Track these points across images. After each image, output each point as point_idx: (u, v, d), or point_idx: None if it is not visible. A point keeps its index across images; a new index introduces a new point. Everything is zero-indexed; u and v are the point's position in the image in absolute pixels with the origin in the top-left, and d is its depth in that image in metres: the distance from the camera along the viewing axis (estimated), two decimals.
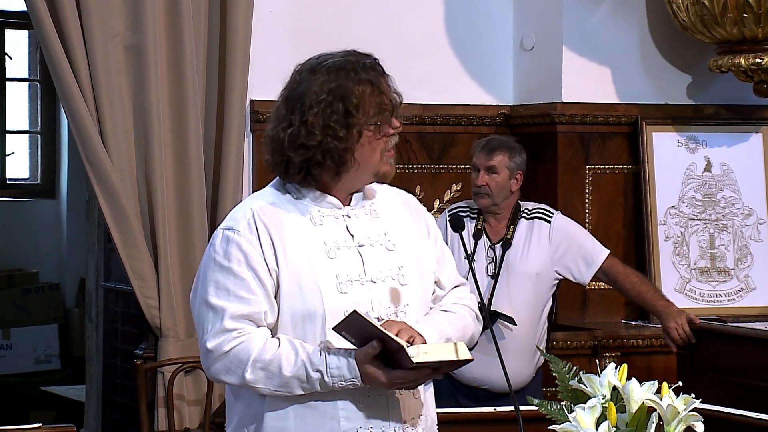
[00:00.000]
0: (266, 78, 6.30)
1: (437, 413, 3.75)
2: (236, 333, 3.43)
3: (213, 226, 6.27)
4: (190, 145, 6.26)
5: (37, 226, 10.52)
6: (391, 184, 3.75)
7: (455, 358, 3.40)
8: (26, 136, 10.73)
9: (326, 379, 3.41)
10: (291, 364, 3.42)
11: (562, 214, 6.08)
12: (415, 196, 6.68)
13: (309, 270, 3.49)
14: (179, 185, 6.27)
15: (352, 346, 3.40)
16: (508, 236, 5.91)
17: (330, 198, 3.57)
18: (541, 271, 5.91)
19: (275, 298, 3.48)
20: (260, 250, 3.48)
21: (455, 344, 3.43)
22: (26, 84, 10.68)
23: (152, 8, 6.16)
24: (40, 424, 4.52)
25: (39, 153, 10.68)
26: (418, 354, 3.36)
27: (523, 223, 5.94)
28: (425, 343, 3.44)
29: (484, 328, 5.67)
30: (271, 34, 6.50)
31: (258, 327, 3.46)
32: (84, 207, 7.83)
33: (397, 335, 3.38)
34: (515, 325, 5.79)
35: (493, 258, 5.90)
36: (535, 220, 5.95)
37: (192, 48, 6.25)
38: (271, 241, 3.48)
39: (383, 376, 3.40)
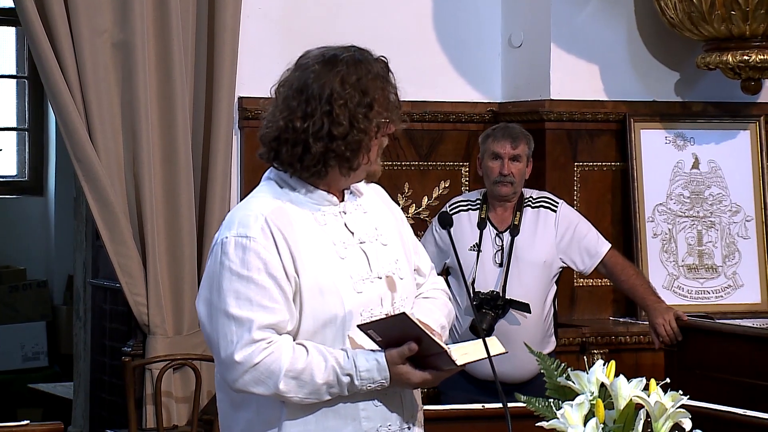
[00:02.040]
0: (255, 75, 6.31)
1: (433, 410, 3.80)
2: (264, 344, 3.39)
3: (201, 224, 6.29)
4: (178, 142, 6.26)
5: (25, 223, 10.52)
6: (379, 182, 3.76)
7: (492, 354, 3.42)
8: (14, 133, 10.73)
9: (356, 382, 3.41)
10: (322, 371, 3.40)
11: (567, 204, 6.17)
12: (404, 193, 6.75)
13: (326, 273, 3.47)
14: (167, 182, 6.27)
15: (375, 346, 3.42)
16: (516, 222, 5.97)
17: (329, 195, 3.55)
18: (548, 259, 5.99)
19: (294, 303, 3.45)
20: (278, 256, 3.43)
21: (486, 341, 3.44)
22: (14, 81, 10.67)
23: (140, 5, 6.16)
24: (28, 422, 4.52)
25: (27, 150, 10.68)
26: (459, 356, 3.40)
27: (528, 211, 6.00)
28: (438, 334, 3.50)
29: (496, 316, 5.77)
30: (259, 30, 6.50)
31: (281, 336, 3.43)
32: (72, 204, 7.84)
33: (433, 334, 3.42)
34: (530, 312, 5.86)
35: (501, 246, 5.95)
36: (541, 208, 6.03)
37: (180, 44, 6.25)
38: (288, 246, 3.44)
39: (416, 377, 3.43)
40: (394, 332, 3.40)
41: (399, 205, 3.85)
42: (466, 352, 3.45)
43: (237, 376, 3.44)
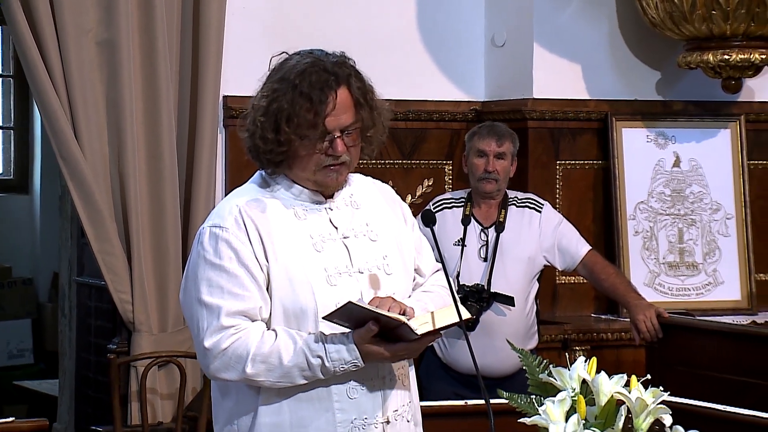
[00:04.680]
0: (239, 74, 6.31)
1: (423, 406, 3.80)
2: (233, 330, 3.42)
3: (186, 222, 6.29)
4: (163, 141, 6.25)
5: (10, 222, 10.52)
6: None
7: (456, 321, 3.43)
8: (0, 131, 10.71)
9: (327, 364, 3.42)
10: (290, 354, 3.42)
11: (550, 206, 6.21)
12: None
13: (298, 264, 3.50)
14: (152, 181, 6.26)
15: (347, 329, 3.44)
16: (501, 219, 6.01)
17: (313, 193, 3.58)
18: (532, 255, 6.03)
19: (267, 291, 3.48)
20: (250, 246, 3.47)
21: (459, 308, 3.45)
22: None
23: (125, 3, 6.14)
24: (13, 418, 4.52)
25: (12, 148, 10.68)
26: (419, 326, 3.42)
27: (513, 210, 6.05)
28: (413, 311, 3.50)
29: (480, 309, 5.80)
30: (244, 29, 6.50)
31: (253, 322, 3.46)
32: (57, 202, 7.82)
33: (388, 311, 3.43)
34: (514, 306, 5.90)
35: (486, 241, 6.00)
36: (526, 209, 6.08)
37: (165, 43, 6.24)
38: (260, 236, 3.48)
39: (385, 351, 3.45)
40: (353, 319, 3.43)
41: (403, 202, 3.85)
42: (426, 322, 3.46)
43: (208, 362, 3.48)
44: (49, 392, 8.36)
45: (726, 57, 6.72)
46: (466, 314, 3.49)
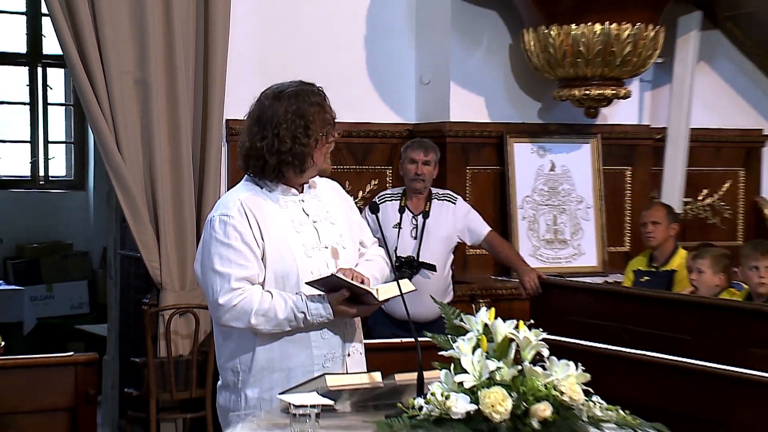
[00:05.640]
0: (238, 102, 6.22)
1: (367, 343, 3.83)
2: (240, 291, 3.43)
3: (199, 211, 6.26)
4: (182, 152, 6.22)
5: (72, 210, 10.43)
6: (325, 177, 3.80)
7: (404, 292, 3.51)
8: (63, 145, 10.60)
9: (308, 317, 3.46)
10: (282, 309, 3.44)
11: (462, 199, 6.22)
12: (345, 189, 6.74)
13: (284, 242, 3.50)
14: (174, 181, 6.23)
15: (322, 292, 3.48)
16: (426, 209, 6.02)
17: (290, 189, 3.58)
18: (449, 235, 6.04)
19: (262, 262, 3.48)
20: (250, 229, 3.47)
21: (399, 282, 3.50)
22: (63, 107, 10.53)
23: (154, 51, 6.12)
24: (73, 352, 4.54)
25: (72, 158, 10.57)
26: (380, 294, 3.50)
27: (435, 202, 6.05)
28: (369, 281, 3.55)
29: (412, 274, 5.82)
30: (240, 69, 6.47)
31: (253, 285, 3.46)
32: (105, 197, 7.77)
33: (352, 278, 3.47)
34: (436, 271, 5.92)
35: (415, 225, 6.00)
36: (444, 201, 6.08)
37: (183, 80, 6.22)
38: (256, 221, 3.48)
39: (350, 310, 3.50)
40: (329, 285, 3.46)
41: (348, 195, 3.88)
42: (385, 291, 3.53)
43: (221, 315, 3.47)
44: (101, 333, 8.31)
45: (587, 92, 6.76)
46: (409, 287, 3.56)
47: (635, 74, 6.87)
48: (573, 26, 6.56)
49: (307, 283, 3.46)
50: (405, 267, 5.86)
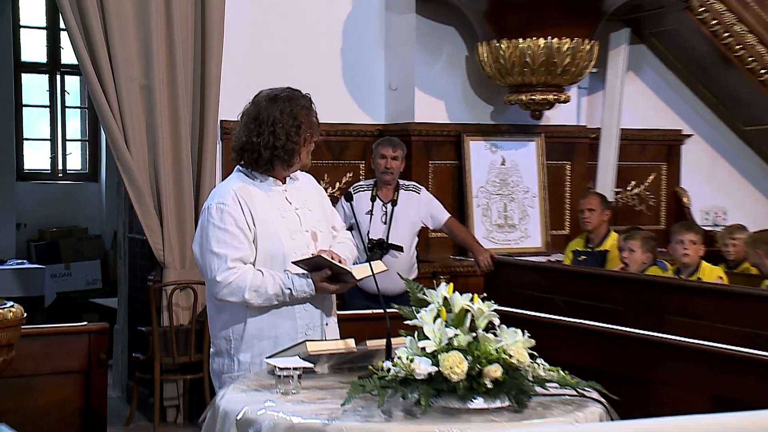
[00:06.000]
0: (231, 105, 6.23)
1: (342, 314, 3.83)
2: (235, 270, 3.42)
3: (197, 199, 6.23)
4: (182, 149, 6.18)
5: (87, 199, 10.41)
6: (310, 173, 3.79)
7: (377, 272, 3.51)
8: (79, 142, 10.56)
9: (294, 293, 3.45)
10: (272, 286, 3.43)
11: (425, 190, 6.22)
12: (323, 181, 6.70)
13: (272, 226, 3.49)
14: (175, 174, 6.19)
15: (305, 271, 3.47)
16: (395, 198, 6.00)
17: (276, 180, 3.57)
18: (414, 220, 6.02)
19: (253, 244, 3.47)
20: (243, 215, 3.45)
21: (371, 264, 3.51)
22: (78, 110, 10.49)
23: (157, 61, 6.08)
24: (86, 323, 4.52)
25: (87, 153, 10.54)
26: (357, 273, 3.51)
27: (402, 192, 6.04)
28: (346, 261, 3.56)
29: (382, 254, 5.82)
30: (233, 76, 6.43)
31: (246, 264, 3.45)
32: (116, 187, 7.72)
33: (333, 258, 3.47)
34: (403, 251, 5.91)
35: (385, 212, 5.98)
36: (410, 191, 6.08)
37: (183, 86, 6.18)
38: (249, 209, 3.46)
39: (330, 287, 3.50)
40: (311, 264, 3.46)
41: (321, 187, 3.86)
42: (360, 271, 3.54)
43: (218, 290, 3.46)
44: (112, 306, 8.27)
45: (533, 97, 6.77)
46: (381, 268, 3.57)
47: (573, 82, 6.88)
48: (520, 40, 6.57)
49: (293, 262, 3.46)
50: (376, 248, 5.85)
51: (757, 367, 3.82)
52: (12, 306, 3.40)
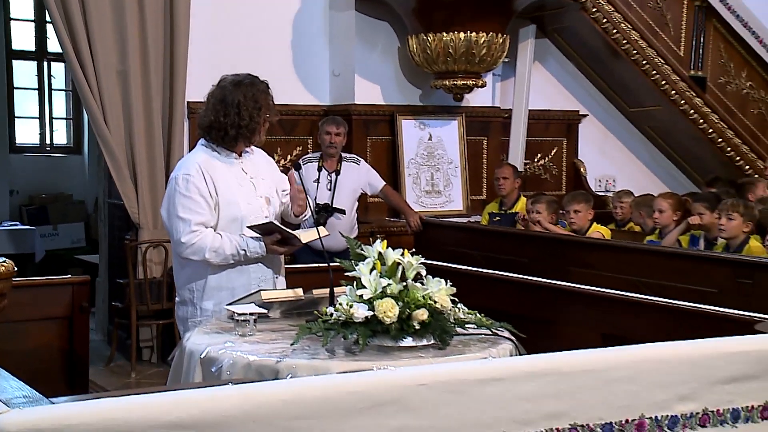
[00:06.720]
0: (197, 87, 6.13)
1: (293, 267, 3.80)
2: (198, 233, 3.37)
3: (167, 169, 6.14)
4: (154, 126, 6.09)
5: (71, 169, 10.31)
6: (264, 148, 3.73)
7: (321, 236, 3.46)
8: (64, 120, 10.38)
9: (248, 254, 3.41)
10: (229, 247, 3.39)
11: (364, 161, 6.18)
12: (276, 154, 6.61)
13: (232, 194, 3.44)
14: (148, 148, 6.10)
15: (258, 235, 3.42)
16: (338, 169, 5.95)
17: (234, 154, 3.51)
18: (354, 188, 5.98)
19: (214, 210, 3.41)
20: (206, 185, 3.39)
21: (318, 229, 3.48)
22: (63, 92, 10.30)
23: (132, 49, 6.00)
24: (70, 275, 4.40)
25: (71, 130, 10.41)
26: (303, 237, 3.45)
27: (345, 164, 6.00)
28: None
29: (327, 216, 5.78)
30: (198, 63, 6.32)
31: (207, 228, 3.39)
32: (96, 159, 7.60)
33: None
34: (345, 214, 5.87)
35: (330, 180, 5.92)
36: (351, 163, 6.03)
37: (154, 72, 6.09)
38: (212, 179, 3.41)
39: (280, 248, 3.45)
40: (263, 229, 3.42)
41: (274, 159, 3.81)
42: (307, 235, 3.50)
43: (182, 251, 3.41)
44: (94, 261, 8.14)
45: (455, 83, 6.77)
46: (324, 233, 3.53)
47: (489, 69, 6.89)
48: (444, 34, 6.55)
49: (248, 227, 3.43)
50: (322, 211, 5.81)
51: (640, 308, 3.89)
52: (4, 261, 3.32)
